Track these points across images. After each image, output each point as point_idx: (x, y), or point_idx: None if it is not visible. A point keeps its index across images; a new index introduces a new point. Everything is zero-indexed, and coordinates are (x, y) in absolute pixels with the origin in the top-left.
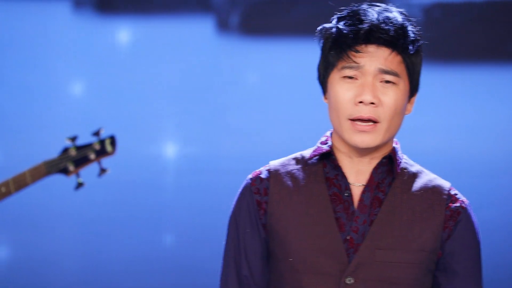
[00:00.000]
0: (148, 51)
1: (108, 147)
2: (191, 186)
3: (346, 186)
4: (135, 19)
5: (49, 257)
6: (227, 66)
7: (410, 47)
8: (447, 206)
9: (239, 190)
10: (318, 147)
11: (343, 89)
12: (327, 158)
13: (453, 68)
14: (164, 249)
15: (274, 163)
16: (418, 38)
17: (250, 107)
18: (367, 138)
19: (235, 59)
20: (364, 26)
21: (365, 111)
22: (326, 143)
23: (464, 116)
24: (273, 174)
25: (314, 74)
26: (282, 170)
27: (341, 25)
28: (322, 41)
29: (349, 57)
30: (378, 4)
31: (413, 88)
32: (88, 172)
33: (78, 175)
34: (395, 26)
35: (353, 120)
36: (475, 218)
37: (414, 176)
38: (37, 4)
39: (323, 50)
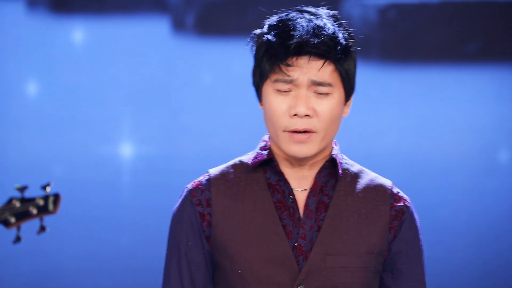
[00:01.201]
0: (103, 51)
1: (50, 206)
2: (147, 186)
3: (289, 191)
4: (90, 19)
5: (3, 259)
6: (183, 66)
7: (342, 56)
8: (391, 206)
9: (179, 200)
10: (258, 153)
11: (277, 102)
12: (268, 164)
13: (408, 68)
14: (120, 250)
15: (213, 172)
16: (350, 44)
17: (205, 107)
18: (304, 148)
19: (190, 59)
20: (293, 40)
21: (300, 124)
22: (266, 149)
23: (419, 116)
24: (214, 183)
25: None
26: (223, 179)
27: (271, 36)
28: (254, 48)
29: (281, 70)
30: (308, 10)
31: (349, 92)
32: (46, 173)
33: (18, 229)
34: (326, 37)
35: (288, 131)
36: (416, 215)
37: (356, 176)
38: None
39: (256, 58)
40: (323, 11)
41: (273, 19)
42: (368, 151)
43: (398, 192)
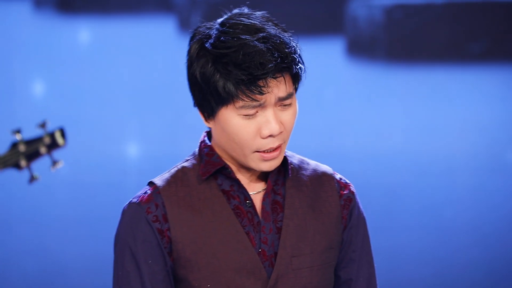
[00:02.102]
0: (109, 51)
1: (59, 140)
2: None
3: (246, 196)
4: (96, 18)
5: (9, 257)
6: None
7: (302, 66)
8: (340, 195)
9: (125, 220)
10: (207, 161)
11: (244, 126)
12: (218, 170)
13: (413, 68)
14: None
15: (160, 183)
16: (299, 48)
17: None
18: (274, 162)
19: None
20: (266, 70)
21: (273, 142)
22: (213, 155)
23: (425, 116)
24: (165, 196)
25: None
26: (173, 191)
27: (230, 64)
28: (201, 69)
29: (249, 97)
30: (248, 23)
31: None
32: (50, 173)
33: (30, 169)
34: (290, 54)
35: (261, 152)
36: (359, 200)
37: (300, 168)
38: None
39: (207, 81)
40: (259, 14)
41: (211, 40)
42: (373, 150)
43: (341, 179)
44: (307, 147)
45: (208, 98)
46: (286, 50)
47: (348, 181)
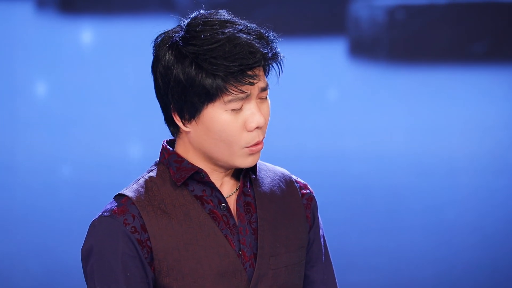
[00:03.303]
0: (111, 51)
1: None
2: None
3: (220, 199)
4: (99, 19)
5: (12, 258)
6: None
7: (282, 54)
8: (301, 195)
9: (99, 233)
10: (178, 168)
11: (231, 121)
12: (189, 177)
13: (416, 69)
14: None
15: (131, 195)
16: (276, 37)
17: None
18: (257, 156)
19: None
20: (257, 58)
21: (259, 135)
22: (183, 161)
23: (427, 117)
24: (141, 206)
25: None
26: (146, 201)
27: (220, 58)
28: (181, 72)
29: (239, 90)
30: (223, 18)
31: None
32: (54, 174)
33: None
34: (272, 43)
35: (249, 146)
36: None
37: (261, 170)
38: None
39: (189, 81)
40: (224, 12)
41: (189, 39)
42: (375, 151)
43: (297, 179)
44: (308, 148)
45: (192, 99)
46: (267, 39)
47: (305, 182)
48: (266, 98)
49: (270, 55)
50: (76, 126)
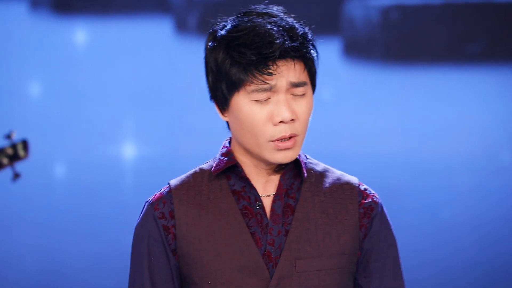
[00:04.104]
0: (106, 52)
1: (21, 152)
2: (149, 187)
3: (256, 197)
4: (93, 19)
5: (7, 258)
6: (186, 67)
7: (314, 52)
8: (359, 204)
9: (140, 214)
10: (220, 160)
11: (256, 112)
12: (231, 170)
13: (411, 69)
14: (122, 250)
15: (174, 182)
16: (315, 39)
17: (208, 107)
18: (289, 154)
19: (193, 60)
20: (274, 47)
21: (286, 130)
22: (228, 155)
23: (422, 117)
24: (176, 194)
25: None
26: (184, 189)
27: (240, 45)
28: (214, 61)
29: (259, 79)
30: (263, 12)
31: (314, 89)
32: (47, 173)
33: None
34: (300, 38)
35: (274, 141)
36: (386, 211)
37: (322, 176)
38: None
39: (220, 69)
40: (276, 9)
41: (225, 28)
42: (370, 152)
43: (366, 189)
44: (303, 148)
45: (221, 86)
46: (296, 32)
47: (374, 192)
48: (303, 95)
49: (291, 47)
50: (70, 126)
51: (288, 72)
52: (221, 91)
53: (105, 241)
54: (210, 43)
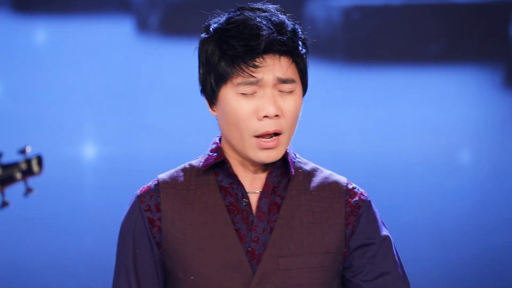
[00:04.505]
0: (67, 51)
1: (35, 167)
2: (110, 186)
3: (243, 194)
4: (53, 19)
5: None
6: (146, 67)
7: (304, 51)
8: (346, 202)
9: (127, 208)
10: (209, 155)
11: (241, 105)
12: (220, 166)
13: (372, 69)
14: (82, 249)
15: (162, 176)
16: (306, 38)
17: (169, 107)
18: (272, 154)
19: (154, 59)
20: (261, 39)
21: (270, 125)
22: (217, 151)
23: (383, 117)
24: (163, 188)
25: None
26: (172, 183)
27: (229, 37)
28: (204, 53)
29: (245, 72)
30: (257, 7)
31: (305, 88)
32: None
33: (3, 194)
34: (290, 33)
35: (258, 136)
36: (376, 208)
37: (310, 175)
38: None
39: (209, 62)
40: (271, 7)
41: (218, 21)
42: (331, 152)
43: (354, 188)
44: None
45: (210, 79)
46: (285, 27)
47: (362, 191)
48: (291, 93)
49: (278, 41)
50: (30, 126)
51: (274, 67)
52: (210, 84)
53: (65, 241)
54: (202, 35)
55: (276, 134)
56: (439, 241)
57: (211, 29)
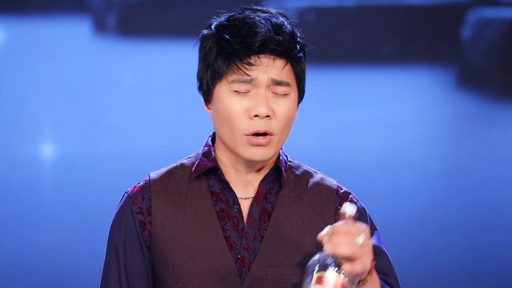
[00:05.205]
0: (23, 51)
1: None
2: (67, 186)
3: (234, 200)
4: (9, 19)
5: None
6: (104, 67)
7: (301, 55)
8: (336, 210)
9: (119, 206)
10: (201, 160)
11: (234, 103)
12: (212, 171)
13: (326, 70)
14: (40, 249)
15: (154, 177)
16: (305, 43)
17: (126, 107)
18: (262, 151)
19: (112, 60)
20: (257, 38)
21: (260, 125)
22: (210, 155)
23: (337, 117)
24: (154, 190)
25: (191, 75)
26: (163, 186)
27: (227, 34)
28: (203, 49)
29: (240, 69)
30: (259, 8)
31: (301, 93)
32: None
33: None
34: (287, 35)
35: (248, 135)
36: (367, 214)
37: (301, 180)
38: None
39: (206, 59)
40: (273, 10)
41: (220, 19)
42: (287, 151)
43: (344, 193)
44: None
45: (207, 76)
46: (283, 29)
47: (351, 196)
48: (285, 95)
49: (273, 42)
50: None
51: (269, 68)
52: (206, 80)
53: (22, 240)
54: (203, 32)
55: (267, 134)
56: (392, 240)
57: (212, 26)
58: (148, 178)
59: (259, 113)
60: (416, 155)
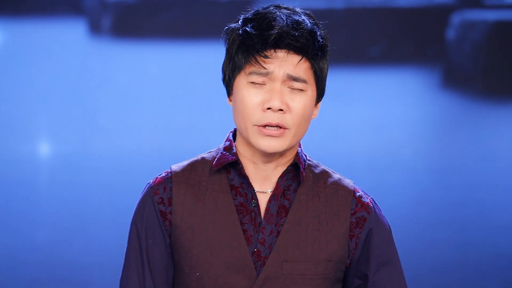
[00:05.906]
0: (20, 53)
1: None
2: (63, 184)
3: (253, 195)
4: (6, 20)
5: None
6: (99, 68)
7: (319, 53)
8: (352, 213)
9: (140, 196)
10: (222, 154)
11: (250, 94)
12: (232, 165)
13: None
14: (36, 246)
15: (175, 169)
16: (326, 43)
17: (121, 107)
18: (274, 142)
19: (107, 60)
20: (273, 31)
21: (273, 118)
22: (231, 149)
23: (326, 116)
24: (176, 182)
25: (184, 76)
26: (185, 178)
27: (249, 28)
28: (227, 42)
29: (257, 62)
30: (285, 6)
31: (320, 94)
32: None
33: None
34: (305, 32)
35: (259, 126)
36: (383, 217)
37: (319, 179)
38: None
39: (229, 51)
40: (298, 9)
41: (248, 14)
42: None
43: (361, 197)
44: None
45: (228, 68)
46: (302, 25)
47: (368, 200)
48: (301, 91)
49: (289, 37)
50: None
51: (284, 62)
52: (228, 72)
53: (18, 237)
54: (230, 25)
55: (280, 127)
56: None
57: (240, 21)
58: (170, 170)
59: (272, 106)
60: (403, 153)
